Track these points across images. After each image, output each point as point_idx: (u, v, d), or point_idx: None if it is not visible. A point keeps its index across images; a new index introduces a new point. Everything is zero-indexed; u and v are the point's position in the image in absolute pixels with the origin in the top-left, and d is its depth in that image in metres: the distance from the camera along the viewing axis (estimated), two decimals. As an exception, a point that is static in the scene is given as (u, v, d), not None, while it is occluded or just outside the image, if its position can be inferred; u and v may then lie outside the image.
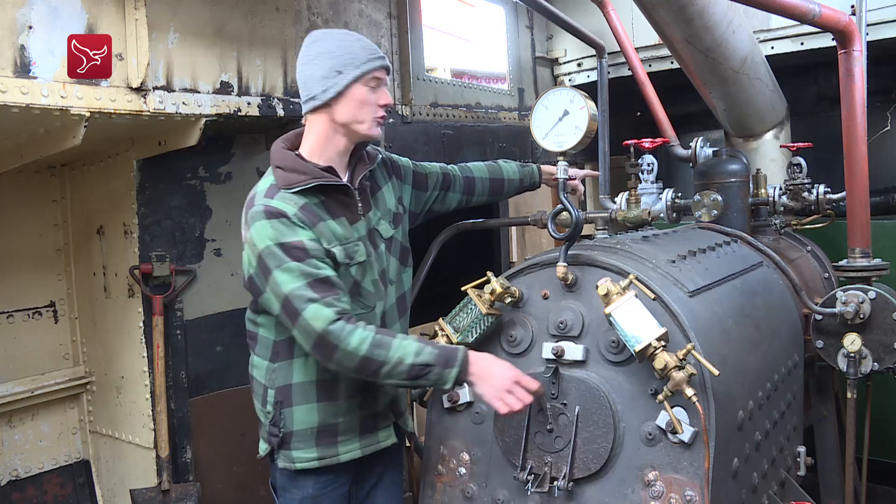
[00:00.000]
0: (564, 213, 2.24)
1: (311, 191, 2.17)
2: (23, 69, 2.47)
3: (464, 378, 2.06)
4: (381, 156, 2.45)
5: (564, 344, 2.10)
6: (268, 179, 2.22)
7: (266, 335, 2.28)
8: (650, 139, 3.52)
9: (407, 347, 2.04)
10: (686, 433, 1.93)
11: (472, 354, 2.08)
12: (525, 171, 2.84)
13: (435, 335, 2.23)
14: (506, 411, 2.03)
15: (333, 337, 2.02)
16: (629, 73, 4.47)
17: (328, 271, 2.09)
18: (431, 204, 2.62)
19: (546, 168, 2.89)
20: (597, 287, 1.98)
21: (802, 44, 4.56)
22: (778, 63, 4.25)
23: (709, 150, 3.61)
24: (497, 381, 2.05)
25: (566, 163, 2.25)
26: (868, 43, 3.24)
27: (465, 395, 2.29)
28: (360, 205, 2.26)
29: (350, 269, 2.19)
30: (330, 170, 2.22)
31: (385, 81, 2.26)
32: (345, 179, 2.27)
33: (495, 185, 2.77)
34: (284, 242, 2.07)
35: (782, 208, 3.63)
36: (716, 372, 1.88)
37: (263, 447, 2.33)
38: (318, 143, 2.24)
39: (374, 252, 2.29)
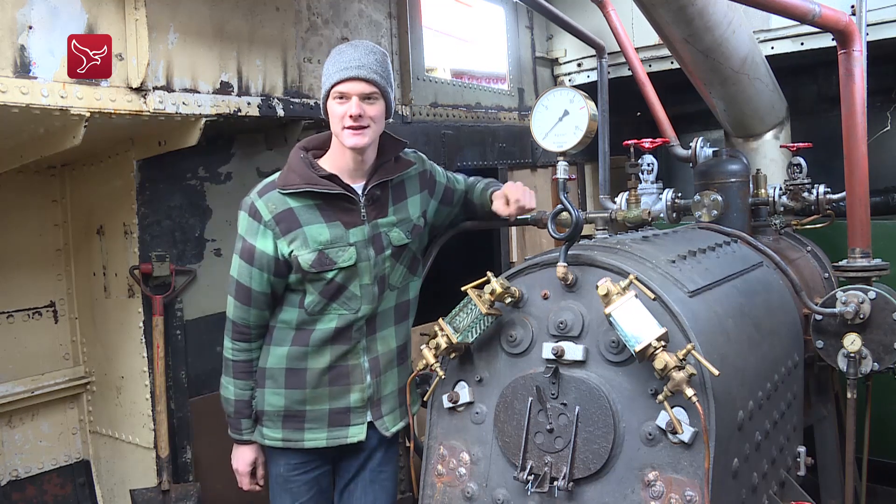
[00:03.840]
0: (564, 213, 2.23)
1: (307, 194, 2.34)
2: (23, 69, 2.47)
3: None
4: (417, 166, 2.54)
5: (564, 344, 2.09)
6: (275, 175, 2.41)
7: None
8: (650, 139, 3.53)
9: (228, 387, 2.48)
10: (686, 433, 1.93)
11: (238, 447, 2.55)
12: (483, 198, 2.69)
13: (435, 335, 2.23)
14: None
15: (228, 327, 2.45)
16: (629, 73, 4.47)
17: (256, 285, 2.38)
18: (452, 219, 2.74)
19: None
20: (597, 287, 1.97)
21: (802, 44, 4.57)
22: (778, 63, 4.25)
23: (709, 150, 3.61)
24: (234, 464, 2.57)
25: (566, 163, 2.25)
26: (868, 43, 3.24)
27: (464, 395, 2.29)
28: (363, 211, 2.38)
29: (325, 274, 2.34)
30: (332, 177, 2.35)
31: (350, 94, 2.27)
32: (360, 185, 2.40)
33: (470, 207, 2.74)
34: (245, 239, 2.38)
35: (782, 208, 3.63)
36: (716, 372, 1.88)
37: None
38: (333, 150, 2.42)
39: (375, 256, 2.40)
